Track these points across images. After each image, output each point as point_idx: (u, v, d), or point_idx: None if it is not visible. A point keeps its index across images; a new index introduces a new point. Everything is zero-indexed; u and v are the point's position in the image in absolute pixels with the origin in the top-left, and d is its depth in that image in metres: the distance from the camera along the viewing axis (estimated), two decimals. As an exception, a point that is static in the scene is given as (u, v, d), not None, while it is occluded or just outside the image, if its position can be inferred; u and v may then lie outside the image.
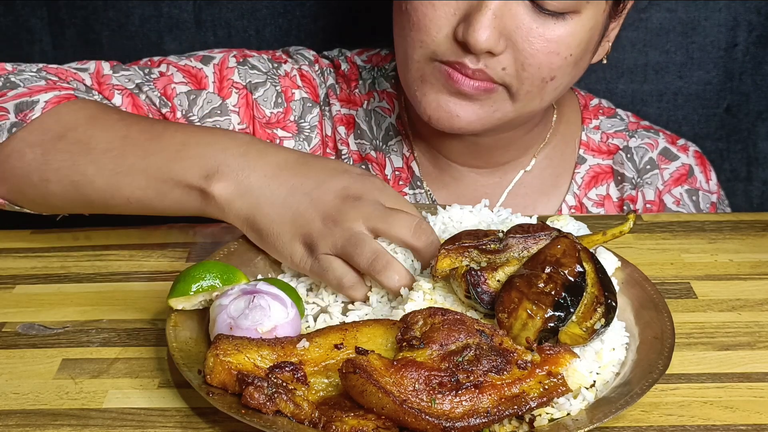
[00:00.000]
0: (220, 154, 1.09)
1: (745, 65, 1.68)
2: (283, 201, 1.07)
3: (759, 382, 0.98)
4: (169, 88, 1.33)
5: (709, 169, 1.49)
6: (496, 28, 1.17)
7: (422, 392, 0.86)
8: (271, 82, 1.38)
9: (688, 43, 1.67)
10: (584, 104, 1.47)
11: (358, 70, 1.44)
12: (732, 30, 1.65)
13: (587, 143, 1.44)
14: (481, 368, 0.88)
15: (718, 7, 1.64)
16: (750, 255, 1.21)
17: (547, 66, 1.21)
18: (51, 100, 1.17)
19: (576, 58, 1.22)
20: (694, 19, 1.65)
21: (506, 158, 1.40)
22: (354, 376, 0.86)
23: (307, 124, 1.39)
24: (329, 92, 1.42)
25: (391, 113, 1.41)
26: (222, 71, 1.36)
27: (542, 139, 1.42)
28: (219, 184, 1.08)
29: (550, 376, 0.89)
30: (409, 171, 1.40)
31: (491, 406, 0.86)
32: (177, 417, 0.93)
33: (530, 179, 1.42)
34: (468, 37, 1.17)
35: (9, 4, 1.64)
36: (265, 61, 1.40)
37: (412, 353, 0.89)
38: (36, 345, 1.04)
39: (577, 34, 1.21)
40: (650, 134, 1.47)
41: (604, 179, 1.44)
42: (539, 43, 1.19)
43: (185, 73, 1.35)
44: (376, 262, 1.03)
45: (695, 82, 1.69)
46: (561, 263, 0.96)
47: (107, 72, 1.31)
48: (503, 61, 1.20)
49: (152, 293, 1.12)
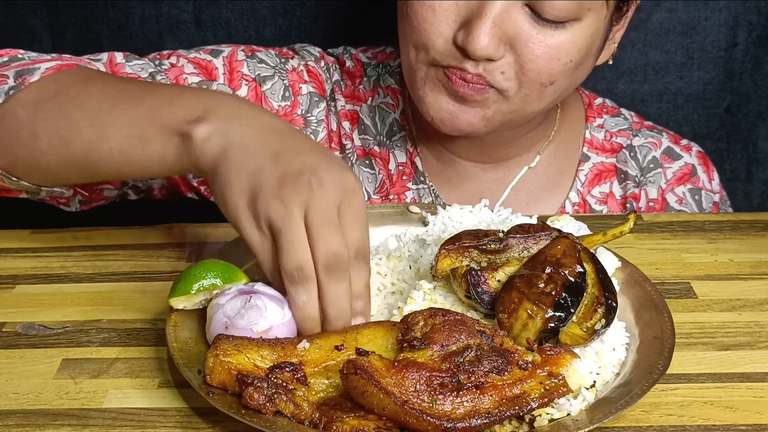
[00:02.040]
0: (211, 102, 1.04)
1: (745, 65, 1.68)
2: (252, 153, 0.99)
3: (759, 382, 0.98)
4: (181, 78, 1.33)
5: (712, 170, 1.49)
6: (495, 35, 1.17)
7: (423, 393, 0.86)
8: (279, 76, 1.39)
9: (688, 43, 1.67)
10: (588, 103, 1.47)
11: (363, 66, 1.45)
12: (732, 30, 1.65)
13: (591, 141, 1.45)
14: (482, 369, 0.88)
15: (718, 7, 1.64)
16: (750, 255, 1.21)
17: (547, 71, 1.21)
18: (53, 66, 1.15)
19: (576, 63, 1.22)
20: (694, 19, 1.65)
21: (510, 154, 1.41)
22: (355, 377, 0.86)
23: (314, 118, 1.40)
24: (335, 88, 1.42)
25: (395, 109, 1.42)
26: (231, 63, 1.37)
27: (546, 137, 1.42)
28: (201, 127, 1.01)
29: (551, 376, 0.89)
30: (413, 166, 1.41)
31: (492, 407, 0.86)
32: (177, 417, 0.93)
33: (534, 176, 1.42)
34: (467, 44, 1.17)
35: (9, 4, 1.64)
36: (273, 56, 1.40)
37: (412, 354, 0.89)
38: (36, 345, 1.04)
39: (578, 41, 1.21)
40: (653, 134, 1.48)
41: (607, 177, 1.44)
42: (539, 49, 1.19)
43: (195, 64, 1.35)
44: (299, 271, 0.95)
45: (695, 82, 1.69)
46: (561, 263, 0.96)
47: (120, 61, 1.31)
48: (502, 65, 1.20)
49: (152, 293, 1.12)
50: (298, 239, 0.95)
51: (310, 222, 0.95)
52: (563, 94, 1.28)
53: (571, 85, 1.28)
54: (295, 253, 0.94)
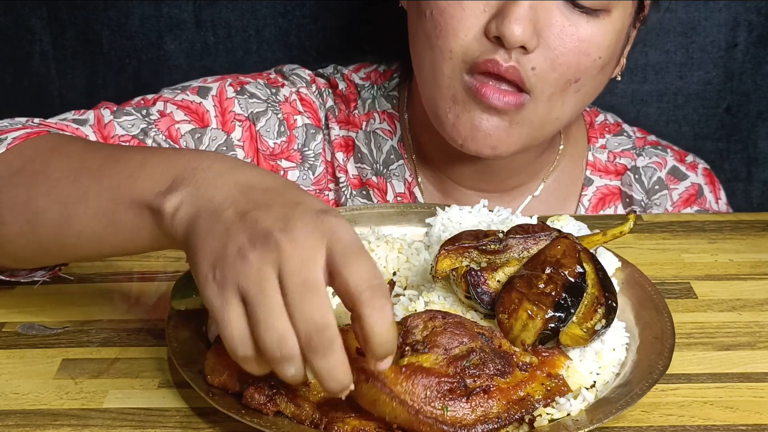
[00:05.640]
0: (178, 168, 0.91)
1: (745, 65, 1.68)
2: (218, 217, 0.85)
3: (759, 382, 0.98)
4: (174, 129, 1.29)
5: (719, 188, 1.48)
6: (531, 21, 1.16)
7: (434, 399, 0.85)
8: (272, 110, 1.35)
9: (688, 43, 1.67)
10: (590, 122, 1.46)
11: (357, 88, 1.41)
12: (732, 30, 1.65)
13: (594, 164, 1.43)
14: (486, 372, 0.88)
15: (718, 7, 1.64)
16: (750, 255, 1.21)
17: (575, 66, 1.20)
18: (20, 136, 1.06)
19: (603, 62, 1.21)
20: (694, 19, 1.65)
21: (515, 183, 1.39)
22: (367, 385, 0.84)
23: (311, 152, 1.37)
24: (328, 114, 1.39)
25: (392, 136, 1.39)
26: (222, 103, 1.33)
27: (551, 163, 1.40)
28: (169, 198, 0.89)
29: (551, 377, 0.89)
30: (412, 196, 1.38)
31: (501, 411, 0.86)
32: (177, 417, 0.93)
33: (537, 204, 1.40)
34: (504, 29, 1.15)
35: (9, 4, 1.64)
36: (263, 87, 1.36)
37: (417, 358, 0.88)
38: (36, 345, 1.04)
39: (608, 35, 1.20)
40: (658, 151, 1.46)
41: (611, 201, 1.43)
42: (571, 42, 1.18)
43: (185, 110, 1.31)
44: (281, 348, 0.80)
45: (695, 82, 1.69)
46: (561, 264, 0.96)
47: (108, 119, 1.26)
48: (534, 60, 1.18)
49: (152, 293, 1.12)
50: (272, 312, 0.79)
51: (285, 288, 0.80)
52: (582, 100, 1.25)
53: (592, 92, 1.26)
54: (274, 329, 0.79)
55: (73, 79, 1.69)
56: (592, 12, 1.18)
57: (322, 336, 0.79)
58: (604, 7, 1.18)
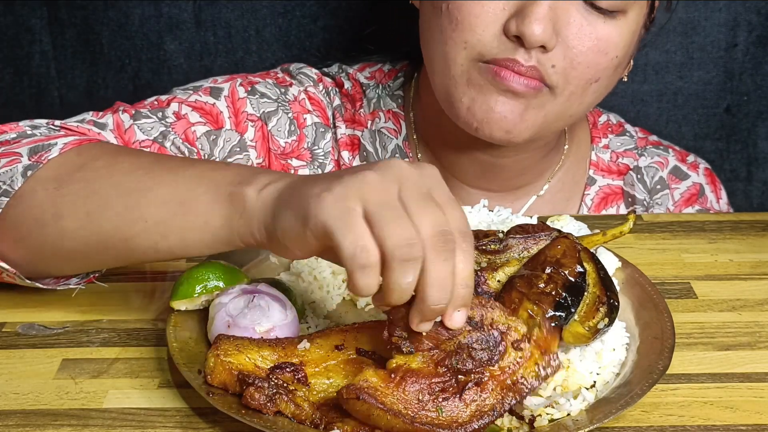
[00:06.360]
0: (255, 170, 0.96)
1: (745, 65, 1.68)
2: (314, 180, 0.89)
3: (759, 382, 0.98)
4: (190, 132, 1.30)
5: (720, 188, 1.48)
6: (551, 21, 1.16)
7: (427, 403, 0.85)
8: (283, 109, 1.35)
9: (688, 43, 1.67)
10: (593, 122, 1.46)
11: (362, 88, 1.42)
12: (732, 30, 1.65)
13: (597, 163, 1.43)
14: (477, 360, 0.87)
15: (718, 7, 1.64)
16: (750, 255, 1.21)
17: (594, 66, 1.20)
18: (71, 142, 1.06)
19: (619, 61, 1.22)
20: (694, 19, 1.65)
21: (520, 183, 1.39)
22: (358, 402, 0.84)
23: (321, 150, 1.37)
24: (335, 113, 1.39)
25: (397, 135, 1.39)
26: (235, 104, 1.33)
27: (557, 163, 1.41)
28: (251, 185, 0.92)
29: (544, 354, 0.89)
30: None
31: (496, 402, 0.86)
32: (177, 417, 0.93)
33: (542, 204, 1.40)
34: (524, 29, 1.15)
35: (9, 4, 1.64)
36: (272, 86, 1.37)
37: (404, 360, 0.87)
38: (36, 345, 1.04)
39: (624, 35, 1.20)
40: (660, 151, 1.47)
41: (614, 200, 1.43)
42: (590, 41, 1.18)
43: (200, 111, 1.31)
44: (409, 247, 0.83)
45: (695, 82, 1.69)
46: (561, 263, 0.96)
47: (128, 123, 1.26)
48: (553, 58, 1.18)
49: (152, 293, 1.12)
50: (401, 215, 0.83)
51: (406, 202, 0.84)
52: (597, 99, 1.26)
53: (606, 90, 1.26)
54: (403, 229, 0.82)
55: (73, 79, 1.69)
56: (609, 13, 1.19)
57: (447, 239, 0.83)
58: (621, 8, 1.19)
